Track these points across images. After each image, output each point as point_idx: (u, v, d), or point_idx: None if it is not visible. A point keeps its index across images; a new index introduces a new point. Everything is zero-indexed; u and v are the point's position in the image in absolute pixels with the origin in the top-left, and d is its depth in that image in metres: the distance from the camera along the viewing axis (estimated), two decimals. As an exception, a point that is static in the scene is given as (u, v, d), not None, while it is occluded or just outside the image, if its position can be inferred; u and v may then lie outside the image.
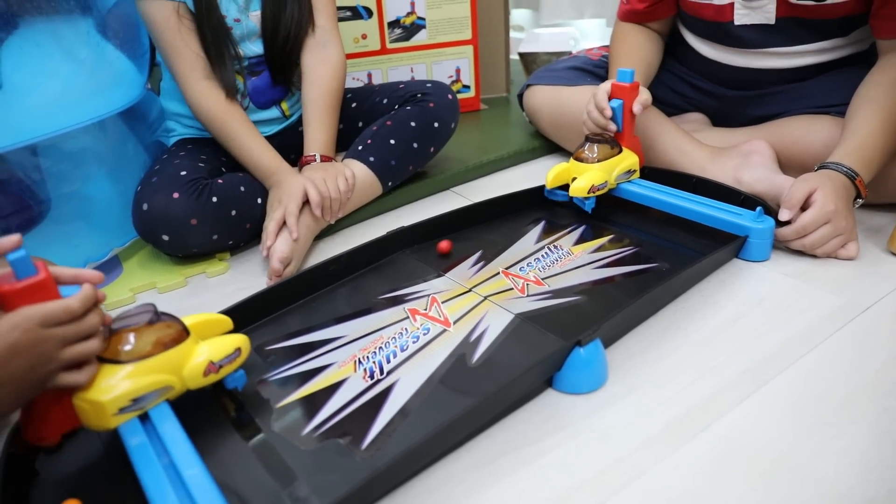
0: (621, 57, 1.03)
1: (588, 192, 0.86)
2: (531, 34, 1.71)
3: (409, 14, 1.28)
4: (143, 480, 0.46)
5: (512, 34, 1.89)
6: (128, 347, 0.52)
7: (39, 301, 0.47)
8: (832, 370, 0.62)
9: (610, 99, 0.90)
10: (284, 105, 1.03)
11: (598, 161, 0.87)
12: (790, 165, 0.92)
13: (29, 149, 0.84)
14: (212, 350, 0.55)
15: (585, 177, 0.86)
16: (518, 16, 2.01)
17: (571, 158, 0.90)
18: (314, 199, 0.86)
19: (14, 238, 0.48)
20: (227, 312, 0.68)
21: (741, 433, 0.56)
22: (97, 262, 0.85)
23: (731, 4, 0.93)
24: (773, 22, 0.91)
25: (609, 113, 0.90)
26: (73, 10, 0.88)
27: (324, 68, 0.97)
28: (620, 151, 0.89)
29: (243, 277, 0.86)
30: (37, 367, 0.46)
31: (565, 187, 0.90)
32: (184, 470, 0.46)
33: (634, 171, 0.91)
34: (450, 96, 1.04)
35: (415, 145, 1.00)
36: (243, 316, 0.70)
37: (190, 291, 0.84)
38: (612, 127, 0.90)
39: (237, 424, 0.57)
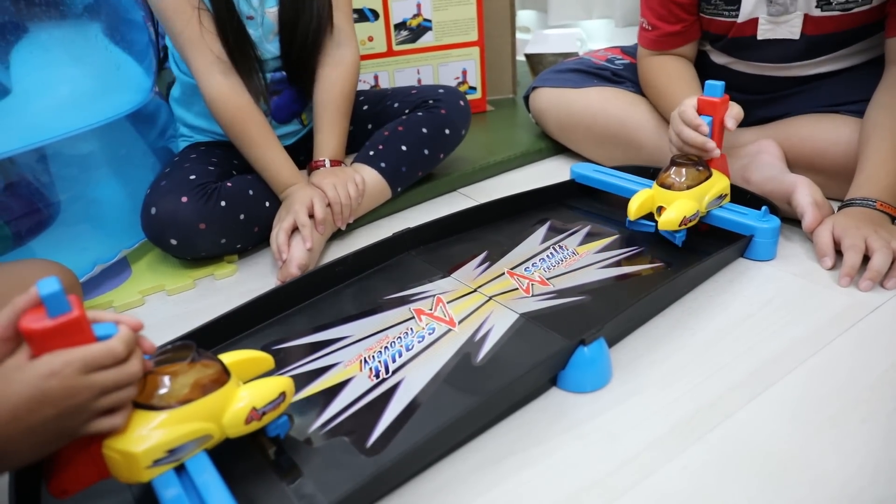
0: (672, 83, 0.96)
1: (680, 226, 0.77)
2: (538, 35, 1.71)
3: (415, 16, 1.28)
4: None
5: (518, 35, 1.90)
6: (164, 391, 0.46)
7: (71, 343, 0.42)
8: (840, 371, 0.62)
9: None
10: (304, 116, 1.03)
11: (688, 187, 0.78)
12: (798, 164, 0.91)
13: (38, 152, 0.85)
14: (254, 395, 0.50)
15: (675, 207, 0.77)
16: (524, 17, 2.01)
17: (655, 184, 0.81)
18: (318, 214, 0.84)
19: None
20: (235, 313, 0.69)
21: (749, 433, 0.56)
22: (106, 263, 0.86)
23: (756, 20, 0.92)
24: (797, 38, 0.90)
25: (706, 129, 0.80)
26: (81, 15, 0.89)
27: (338, 71, 0.95)
28: (710, 174, 0.80)
29: (251, 279, 0.86)
30: (66, 418, 0.41)
31: (649, 215, 0.81)
32: None
33: (726, 195, 0.82)
34: (462, 102, 1.04)
35: (425, 151, 1.00)
36: (251, 316, 0.71)
37: (198, 293, 0.84)
38: (712, 145, 0.80)
39: (276, 467, 0.53)
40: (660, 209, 0.80)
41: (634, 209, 0.80)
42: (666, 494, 0.50)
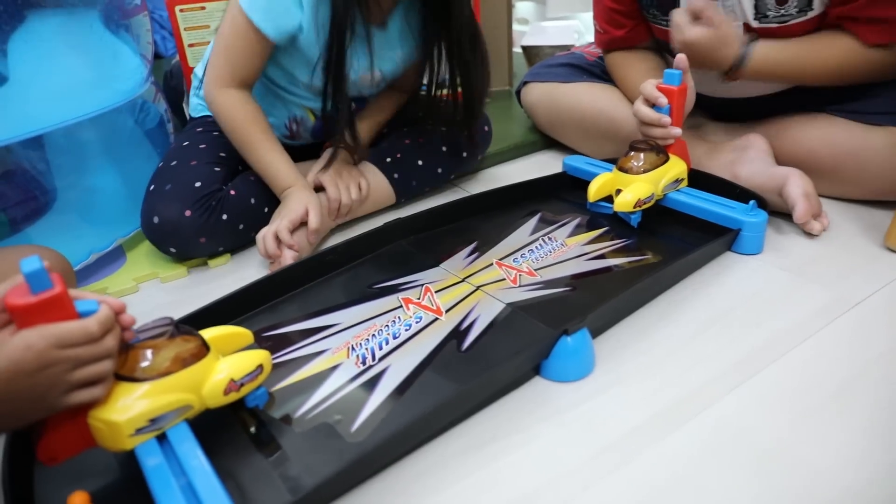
0: (634, 75, 0.99)
1: (634, 207, 0.81)
2: (535, 27, 1.71)
3: (411, 8, 1.28)
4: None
5: (517, 27, 1.90)
6: (145, 364, 0.49)
7: (54, 318, 0.44)
8: (821, 363, 0.63)
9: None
10: None
11: (644, 171, 0.82)
12: (788, 163, 0.91)
13: (35, 140, 0.86)
14: (233, 367, 0.52)
15: (631, 190, 0.81)
16: (523, 8, 2.01)
17: (615, 168, 0.85)
18: (312, 224, 0.83)
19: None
20: (226, 300, 0.70)
21: (728, 423, 0.57)
22: (101, 252, 0.87)
23: None
24: None
25: (664, 101, 0.83)
26: (77, 3, 0.90)
27: (389, 108, 1.01)
28: (667, 159, 0.84)
29: (244, 268, 0.87)
30: (41, 388, 0.44)
31: (609, 198, 0.85)
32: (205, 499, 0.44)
33: (682, 179, 0.86)
34: (486, 128, 1.05)
35: (439, 170, 1.01)
36: (242, 303, 0.72)
37: (192, 281, 0.86)
38: (667, 120, 0.84)
39: (257, 441, 0.55)
40: (618, 192, 0.83)
41: (593, 192, 0.85)
42: (643, 480, 0.52)
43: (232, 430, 0.56)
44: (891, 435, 0.54)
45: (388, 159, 0.97)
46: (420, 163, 0.99)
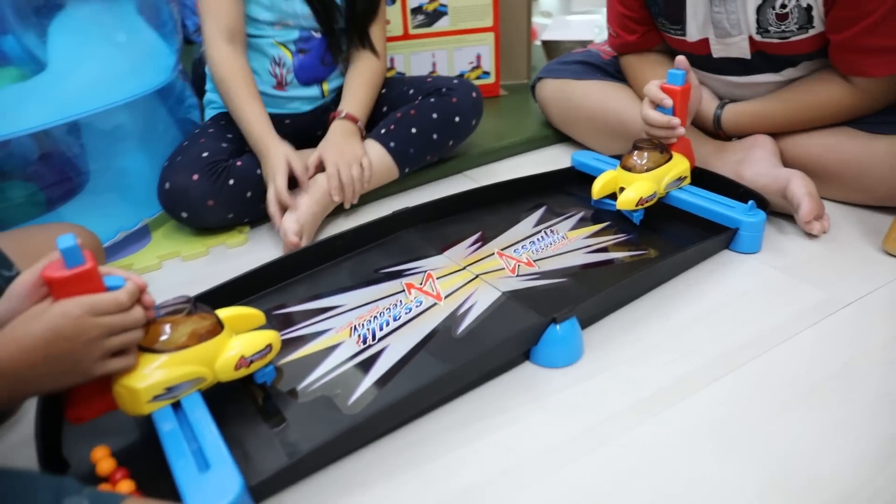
0: (646, 77, 1.00)
1: (636, 205, 0.83)
2: (557, 21, 1.72)
3: (431, 1, 1.31)
4: (172, 466, 0.48)
5: (541, 20, 1.91)
6: (164, 338, 0.53)
7: (84, 290, 0.48)
8: (801, 361, 0.65)
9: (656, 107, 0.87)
10: (325, 85, 1.08)
11: (648, 169, 0.84)
12: (792, 167, 0.93)
13: (72, 125, 0.91)
14: (244, 345, 0.57)
15: (634, 188, 0.83)
16: (547, 2, 2.02)
17: (619, 166, 0.87)
18: (298, 170, 0.90)
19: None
20: (241, 279, 0.75)
21: (704, 413, 0.59)
22: (128, 230, 0.93)
23: (707, 40, 0.95)
24: (748, 57, 0.93)
25: (670, 102, 0.84)
26: (113, -8, 0.94)
27: (364, 66, 1.05)
28: (671, 157, 0.86)
29: (260, 249, 0.92)
30: (78, 352, 0.47)
31: (613, 195, 0.87)
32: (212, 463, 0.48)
33: (685, 177, 0.88)
34: (474, 94, 1.08)
35: (434, 136, 1.05)
36: (256, 282, 0.76)
37: (211, 260, 0.91)
38: (675, 122, 0.85)
39: (263, 412, 0.59)
40: (622, 189, 0.85)
41: (597, 189, 0.88)
42: (617, 462, 0.55)
43: (241, 401, 0.61)
44: (859, 431, 0.57)
45: (383, 131, 1.02)
46: (414, 130, 1.03)
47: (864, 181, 0.88)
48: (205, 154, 0.92)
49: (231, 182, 0.91)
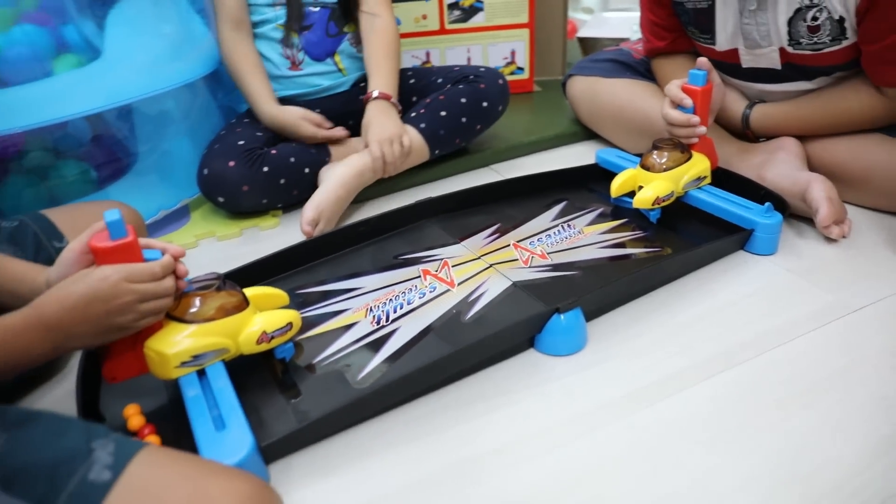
0: (673, 76, 0.99)
1: (653, 204, 0.84)
2: (596, 17, 1.72)
3: (468, -3, 1.34)
4: (193, 426, 0.53)
5: (580, 16, 1.91)
6: (194, 310, 0.58)
7: (125, 260, 0.54)
8: (800, 362, 0.66)
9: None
10: (338, 58, 1.11)
11: (666, 169, 0.85)
12: (816, 171, 0.92)
13: (122, 109, 0.98)
14: (266, 322, 0.61)
15: (651, 187, 0.84)
16: (588, -1, 2.02)
17: (639, 165, 0.89)
18: (316, 119, 1.01)
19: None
20: (269, 259, 0.80)
21: (697, 406, 0.61)
22: (169, 210, 0.99)
23: (737, 50, 0.95)
24: (779, 67, 0.93)
25: (689, 102, 0.85)
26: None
27: (377, 36, 1.07)
28: (690, 157, 0.86)
29: (290, 232, 0.97)
30: (114, 314, 0.53)
31: (632, 193, 0.88)
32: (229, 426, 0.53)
33: (705, 177, 0.88)
34: (500, 81, 1.11)
35: (463, 120, 1.08)
36: (282, 263, 0.81)
37: (244, 241, 0.97)
38: (695, 120, 0.85)
39: (281, 384, 0.64)
40: (640, 188, 0.86)
41: (616, 187, 0.89)
42: (607, 447, 0.57)
43: (262, 373, 0.65)
44: (851, 431, 0.58)
45: (413, 114, 1.07)
46: (443, 114, 1.07)
47: (890, 187, 0.87)
48: (241, 142, 0.97)
49: (266, 169, 0.96)
